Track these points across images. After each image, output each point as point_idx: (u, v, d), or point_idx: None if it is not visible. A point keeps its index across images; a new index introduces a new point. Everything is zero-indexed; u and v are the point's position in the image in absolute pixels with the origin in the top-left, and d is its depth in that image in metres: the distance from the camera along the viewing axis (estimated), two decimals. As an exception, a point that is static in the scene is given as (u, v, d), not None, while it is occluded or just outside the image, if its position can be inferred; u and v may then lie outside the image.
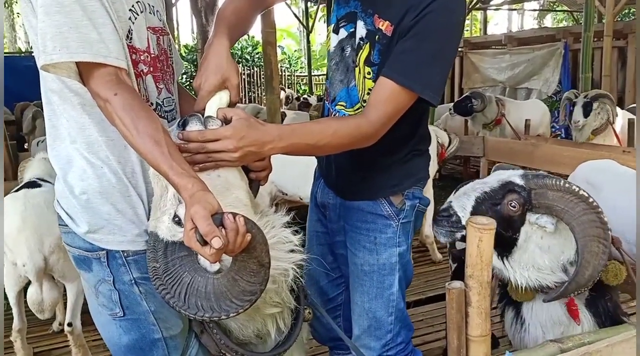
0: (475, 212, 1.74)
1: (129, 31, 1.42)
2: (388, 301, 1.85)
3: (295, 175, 3.96)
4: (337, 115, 1.81)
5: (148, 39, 1.50)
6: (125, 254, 1.44)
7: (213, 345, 1.53)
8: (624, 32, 8.89)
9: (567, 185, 1.72)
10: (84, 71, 1.32)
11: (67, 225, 1.46)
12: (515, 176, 1.80)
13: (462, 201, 1.77)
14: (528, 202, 1.74)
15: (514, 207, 1.74)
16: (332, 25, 1.83)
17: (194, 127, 1.36)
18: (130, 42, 1.42)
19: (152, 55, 1.51)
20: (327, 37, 1.90)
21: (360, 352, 1.83)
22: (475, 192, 1.78)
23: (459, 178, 6.91)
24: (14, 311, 2.88)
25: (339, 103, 1.81)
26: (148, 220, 1.45)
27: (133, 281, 1.46)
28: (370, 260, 1.83)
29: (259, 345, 1.62)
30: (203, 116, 1.41)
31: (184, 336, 1.55)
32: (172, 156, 1.26)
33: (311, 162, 3.90)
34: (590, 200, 1.70)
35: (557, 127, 8.56)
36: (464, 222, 1.72)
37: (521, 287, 1.81)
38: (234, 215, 1.22)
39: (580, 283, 1.72)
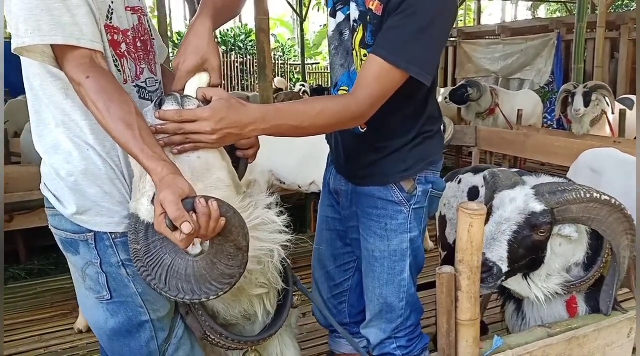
0: (511, 256, 1.69)
1: (108, 11, 1.40)
2: (399, 287, 1.84)
3: (294, 164, 3.95)
4: None
5: (128, 18, 1.48)
6: (113, 236, 1.43)
7: (198, 327, 1.53)
8: (616, 23, 8.92)
9: (588, 194, 1.69)
10: (59, 55, 1.30)
11: (53, 208, 1.45)
12: (531, 200, 1.72)
13: (496, 251, 1.69)
14: (553, 222, 1.71)
15: (543, 232, 1.72)
16: (330, 9, 1.79)
17: (170, 106, 1.32)
18: (110, 22, 1.40)
19: (133, 36, 1.49)
20: (327, 21, 1.87)
21: (353, 340, 1.85)
22: (504, 235, 1.71)
23: (452, 168, 6.93)
24: None
25: (342, 88, 1.78)
26: None
27: (120, 263, 1.45)
28: (381, 247, 1.81)
29: (246, 326, 1.63)
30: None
31: (170, 317, 1.55)
32: (143, 139, 1.25)
33: (309, 152, 3.92)
34: (613, 201, 1.70)
35: (549, 117, 8.60)
36: (504, 271, 1.69)
37: (540, 301, 1.83)
38: (207, 199, 1.20)
39: (622, 278, 1.77)
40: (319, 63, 21.23)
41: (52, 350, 3.06)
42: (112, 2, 1.41)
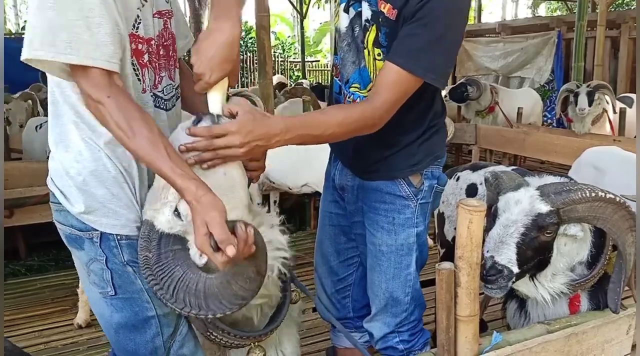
0: (520, 258, 1.69)
1: (135, 20, 1.39)
2: (405, 281, 1.86)
3: (285, 165, 3.94)
4: (351, 97, 1.80)
5: (154, 25, 1.47)
6: (118, 237, 1.44)
7: (202, 325, 1.53)
8: (617, 21, 8.92)
9: (592, 193, 1.69)
10: (75, 71, 1.28)
11: (60, 203, 1.45)
12: (537, 202, 1.72)
13: (505, 253, 1.69)
14: (559, 222, 1.71)
15: (550, 233, 1.71)
16: (343, 4, 1.80)
17: (205, 124, 1.34)
18: (136, 32, 1.39)
19: (157, 43, 1.48)
20: (336, 15, 1.86)
21: (352, 338, 1.87)
22: (512, 237, 1.70)
23: (452, 166, 6.93)
24: None
25: (353, 85, 1.80)
26: (141, 207, 1.44)
27: (125, 262, 1.45)
28: (389, 241, 1.84)
29: (247, 325, 1.63)
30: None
31: (175, 314, 1.55)
32: (171, 157, 1.26)
33: (303, 154, 3.90)
34: (617, 199, 1.70)
35: (549, 116, 8.61)
36: (515, 272, 1.68)
37: (546, 301, 1.83)
38: (246, 224, 1.23)
39: (628, 274, 1.77)
40: (318, 60, 21.23)
41: (52, 345, 3.07)
42: (140, 11, 1.39)
